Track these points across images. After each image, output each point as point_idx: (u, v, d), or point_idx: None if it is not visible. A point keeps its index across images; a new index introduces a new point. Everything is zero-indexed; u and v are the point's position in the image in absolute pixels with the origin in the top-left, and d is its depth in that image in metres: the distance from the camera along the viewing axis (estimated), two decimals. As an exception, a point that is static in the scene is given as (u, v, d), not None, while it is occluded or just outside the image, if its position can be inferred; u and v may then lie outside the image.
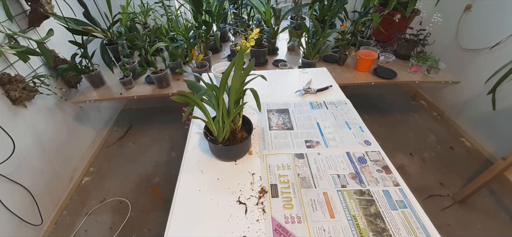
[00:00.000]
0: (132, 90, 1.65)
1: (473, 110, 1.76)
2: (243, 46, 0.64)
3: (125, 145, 1.98)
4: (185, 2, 1.68)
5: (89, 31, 1.57)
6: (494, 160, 1.60)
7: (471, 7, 1.70)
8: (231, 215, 0.62)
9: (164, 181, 1.68)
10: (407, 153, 1.76)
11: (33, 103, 1.35)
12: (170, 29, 1.75)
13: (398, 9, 1.66)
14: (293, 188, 0.68)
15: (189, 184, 0.71)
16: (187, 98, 0.68)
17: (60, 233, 1.43)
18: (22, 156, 1.27)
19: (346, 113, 0.96)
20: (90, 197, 1.61)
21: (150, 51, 1.47)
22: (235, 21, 1.94)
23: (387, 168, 0.72)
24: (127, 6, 1.84)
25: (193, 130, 0.90)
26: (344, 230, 0.58)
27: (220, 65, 1.11)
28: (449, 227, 1.34)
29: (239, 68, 0.64)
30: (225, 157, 0.77)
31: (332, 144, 0.81)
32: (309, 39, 1.61)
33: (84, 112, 1.80)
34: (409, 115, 2.10)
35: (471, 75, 1.73)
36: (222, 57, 1.96)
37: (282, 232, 0.58)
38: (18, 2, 1.28)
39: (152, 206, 1.53)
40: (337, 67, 1.77)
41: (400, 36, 1.78)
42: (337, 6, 1.69)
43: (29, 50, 1.19)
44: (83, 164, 1.77)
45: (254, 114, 0.97)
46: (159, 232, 1.41)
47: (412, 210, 0.61)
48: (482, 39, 1.63)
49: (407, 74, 1.67)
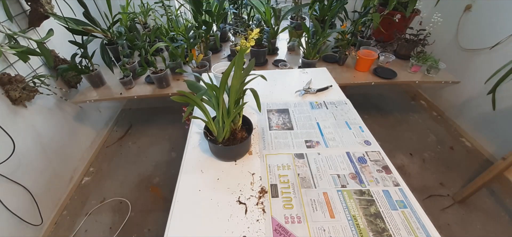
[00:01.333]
0: (132, 90, 1.65)
1: (473, 110, 1.76)
2: (243, 46, 0.64)
3: (125, 145, 1.98)
4: (185, 2, 1.68)
5: (89, 31, 1.57)
6: (494, 160, 1.60)
7: (471, 7, 1.70)
8: (231, 215, 0.62)
9: (164, 181, 1.68)
10: (407, 153, 1.76)
11: (33, 103, 1.35)
12: (170, 29, 1.74)
13: (398, 9, 1.66)
14: (293, 188, 0.68)
15: (189, 184, 0.71)
16: (187, 98, 0.68)
17: (60, 233, 1.43)
18: (22, 156, 1.27)
19: (346, 113, 0.96)
20: (90, 197, 1.61)
21: (150, 51, 1.47)
22: (235, 21, 1.94)
23: (387, 168, 0.73)
24: (127, 6, 1.84)
25: (193, 130, 0.90)
26: (344, 230, 0.58)
27: (220, 65, 1.11)
28: (449, 227, 1.34)
29: (239, 68, 0.64)
30: (225, 157, 0.77)
31: (332, 144, 0.81)
32: (309, 39, 1.61)
33: (84, 112, 1.80)
34: (409, 115, 2.10)
35: (471, 75, 1.73)
36: (222, 57, 1.96)
37: (282, 232, 0.58)
38: (18, 2, 1.28)
39: (152, 206, 1.53)
40: (337, 67, 1.77)
41: (400, 36, 1.78)
42: (337, 6, 1.69)
43: (29, 50, 1.19)
44: (83, 164, 1.77)
45: (254, 114, 0.97)
46: (159, 232, 1.41)
47: (412, 210, 0.61)
48: (482, 39, 1.63)
49: (407, 74, 1.67)
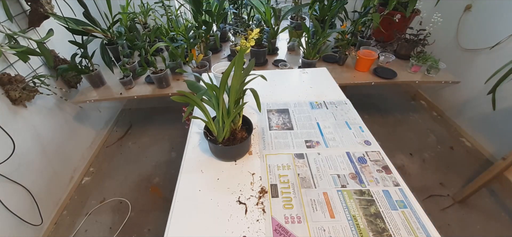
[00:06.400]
0: (132, 90, 1.65)
1: (473, 110, 1.76)
2: (243, 46, 0.64)
3: (125, 145, 1.98)
4: (185, 2, 1.68)
5: (89, 31, 1.57)
6: (494, 160, 1.60)
7: (471, 7, 1.70)
8: (231, 215, 0.62)
9: (164, 181, 1.68)
10: (407, 153, 1.76)
11: (33, 103, 1.35)
12: (170, 29, 1.74)
13: (398, 9, 1.66)
14: (293, 188, 0.68)
15: (189, 184, 0.71)
16: (187, 98, 0.68)
17: (60, 233, 1.43)
18: (22, 156, 1.27)
19: (346, 113, 0.96)
20: (90, 197, 1.61)
21: (150, 51, 1.47)
22: (235, 21, 1.94)
23: (387, 168, 0.72)
24: (127, 6, 1.84)
25: (193, 130, 0.90)
26: (344, 230, 0.58)
27: (220, 65, 1.11)
28: (449, 227, 1.34)
29: (239, 68, 0.64)
30: (225, 157, 0.77)
31: (332, 144, 0.81)
32: (309, 39, 1.61)
33: (84, 112, 1.80)
34: (409, 115, 2.10)
35: (471, 75, 1.73)
36: (222, 57, 1.96)
37: (282, 232, 0.58)
38: (18, 2, 1.28)
39: (152, 206, 1.53)
40: (337, 67, 1.77)
41: (400, 36, 1.78)
42: (337, 6, 1.69)
43: (29, 50, 1.19)
44: (83, 164, 1.77)
45: (254, 114, 0.97)
46: (159, 232, 1.41)
47: (412, 210, 0.61)
48: (482, 39, 1.63)
49: (407, 74, 1.67)
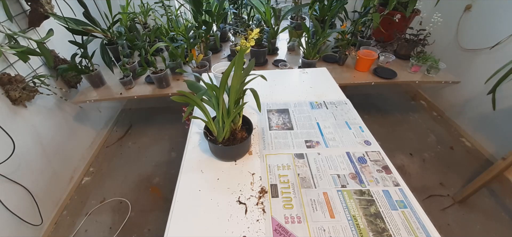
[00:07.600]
0: (132, 90, 1.65)
1: (473, 110, 1.76)
2: (243, 46, 0.64)
3: (125, 145, 1.98)
4: (185, 2, 1.68)
5: (89, 31, 1.57)
6: (494, 160, 1.60)
7: (471, 7, 1.70)
8: (231, 215, 0.62)
9: (164, 181, 1.68)
10: (407, 153, 1.76)
11: (33, 103, 1.35)
12: (170, 29, 1.74)
13: (398, 9, 1.66)
14: (293, 188, 0.68)
15: (189, 184, 0.71)
16: (187, 98, 0.68)
17: (60, 233, 1.43)
18: (22, 156, 1.27)
19: (346, 113, 0.96)
20: (90, 197, 1.61)
21: (150, 51, 1.47)
22: (235, 21, 1.94)
23: (387, 168, 0.72)
24: (127, 6, 1.84)
25: (193, 130, 0.90)
26: (344, 230, 0.58)
27: (220, 65, 1.11)
28: (449, 227, 1.34)
29: (239, 68, 0.64)
30: (225, 157, 0.77)
31: (332, 144, 0.81)
32: (309, 39, 1.61)
33: (84, 112, 1.80)
34: (409, 115, 2.10)
35: (471, 75, 1.73)
36: (222, 57, 1.96)
37: (282, 232, 0.58)
38: (18, 2, 1.28)
39: (152, 206, 1.53)
40: (337, 67, 1.77)
41: (400, 36, 1.78)
42: (337, 6, 1.69)
43: (29, 50, 1.19)
44: (83, 164, 1.77)
45: (254, 114, 0.97)
46: (159, 232, 1.41)
47: (412, 210, 0.61)
48: (482, 39, 1.63)
49: (407, 74, 1.67)
